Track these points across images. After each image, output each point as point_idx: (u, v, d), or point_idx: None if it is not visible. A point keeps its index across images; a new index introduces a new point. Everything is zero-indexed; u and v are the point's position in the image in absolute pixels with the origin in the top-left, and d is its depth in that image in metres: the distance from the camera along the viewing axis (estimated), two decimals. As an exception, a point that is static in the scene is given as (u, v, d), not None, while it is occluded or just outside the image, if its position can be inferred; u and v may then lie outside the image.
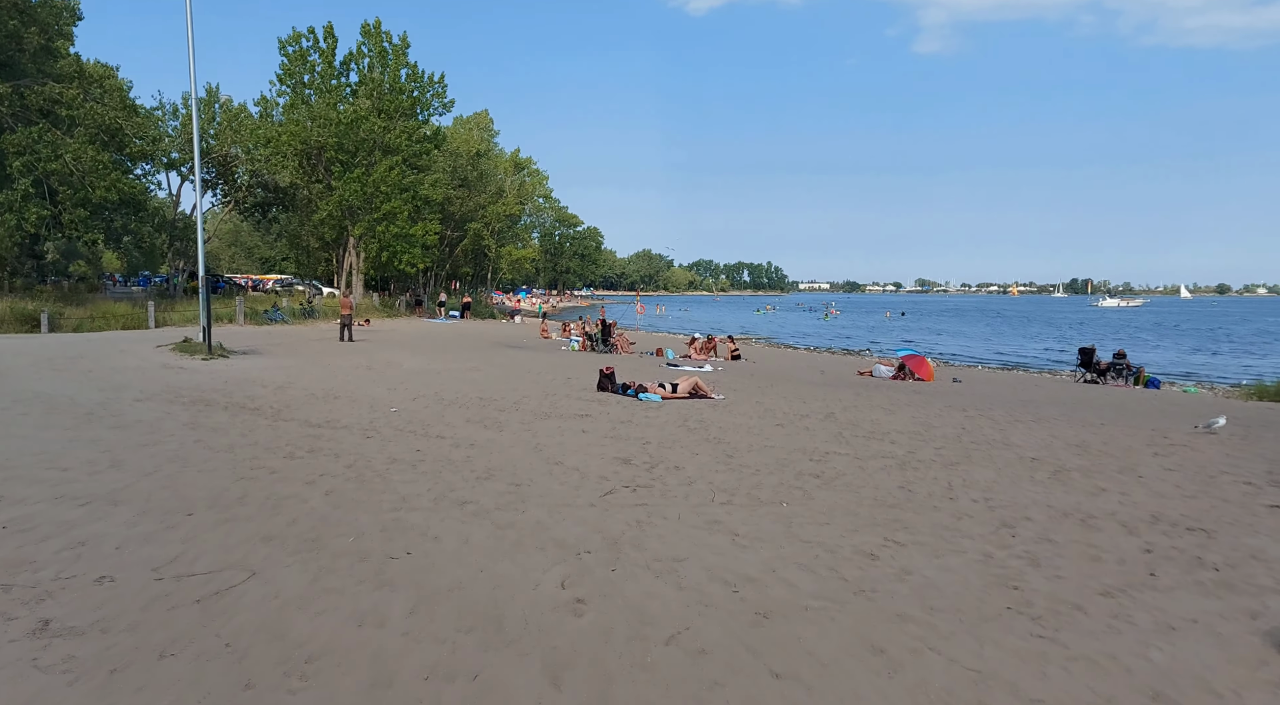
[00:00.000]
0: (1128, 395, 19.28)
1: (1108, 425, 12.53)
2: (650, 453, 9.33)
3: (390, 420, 11.38)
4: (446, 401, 13.69)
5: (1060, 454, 9.76)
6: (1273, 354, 45.37)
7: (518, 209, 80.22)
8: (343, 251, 52.99)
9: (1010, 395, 18.09)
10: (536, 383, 17.21)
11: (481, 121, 75.39)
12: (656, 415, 12.66)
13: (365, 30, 48.66)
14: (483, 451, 9.16)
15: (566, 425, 11.38)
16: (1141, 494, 7.69)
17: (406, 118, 49.01)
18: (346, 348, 26.15)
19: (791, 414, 13.11)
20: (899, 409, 14.08)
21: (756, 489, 7.61)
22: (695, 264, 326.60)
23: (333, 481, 7.49)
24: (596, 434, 10.68)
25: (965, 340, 55.76)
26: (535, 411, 12.77)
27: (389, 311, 50.22)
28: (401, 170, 47.82)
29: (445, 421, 11.43)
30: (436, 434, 10.32)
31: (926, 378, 20.92)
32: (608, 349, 28.23)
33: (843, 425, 11.91)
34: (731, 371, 22.60)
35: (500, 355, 24.91)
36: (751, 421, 12.16)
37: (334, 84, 48.48)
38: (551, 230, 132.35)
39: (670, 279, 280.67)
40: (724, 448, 9.78)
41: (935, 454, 9.59)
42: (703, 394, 15.45)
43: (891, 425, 11.99)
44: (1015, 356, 40.81)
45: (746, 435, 10.81)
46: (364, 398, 13.89)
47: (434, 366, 20.31)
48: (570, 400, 14.47)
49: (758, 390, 17.12)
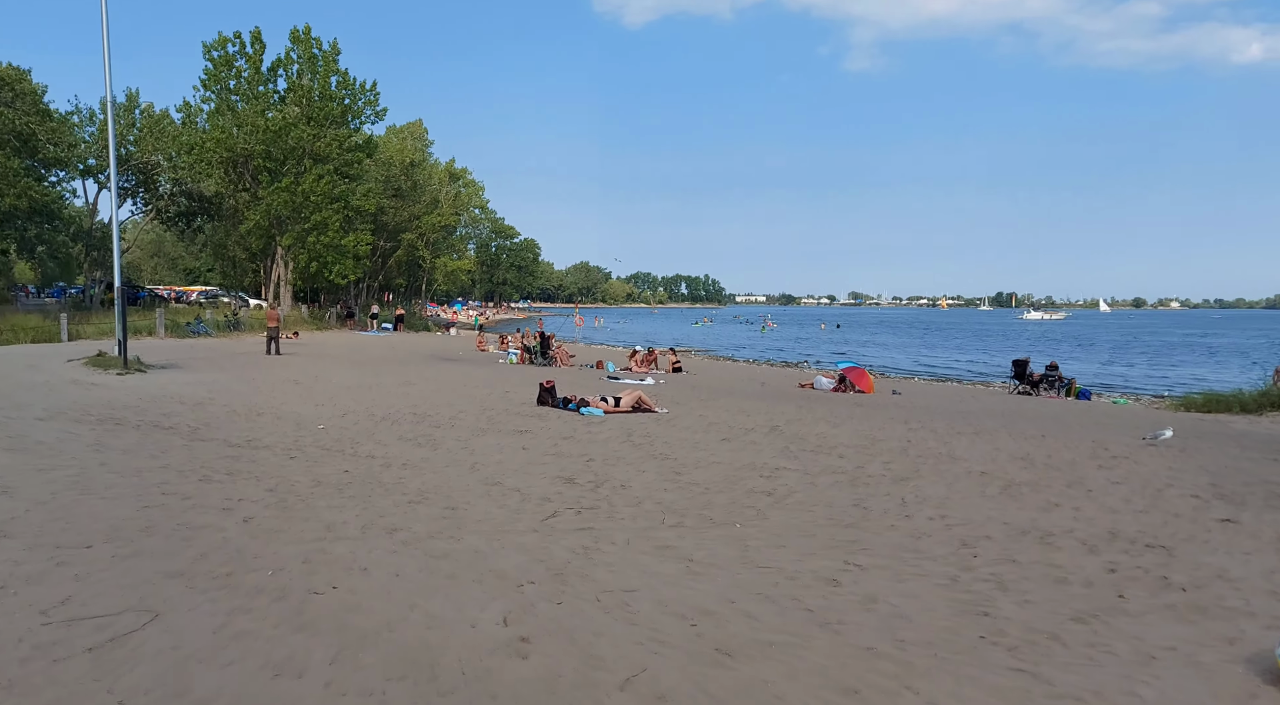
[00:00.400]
0: (1061, 406, 19.52)
1: (1048, 437, 12.54)
2: (594, 470, 8.93)
3: (317, 439, 10.76)
4: (378, 418, 13.08)
5: (1007, 467, 9.65)
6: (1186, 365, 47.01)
7: (453, 220, 79.06)
8: (271, 262, 51.41)
9: (949, 407, 18.15)
10: (473, 397, 16.66)
11: (415, 131, 74.18)
12: (599, 430, 12.26)
13: (294, 36, 47.38)
14: (416, 472, 8.64)
15: (505, 442, 10.91)
16: (1093, 509, 7.56)
17: (337, 126, 47.82)
18: (273, 362, 25.15)
19: (737, 427, 12.84)
20: (843, 422, 13.92)
21: (707, 509, 7.27)
22: (633, 276, 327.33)
23: (251, 508, 6.91)
24: (537, 451, 10.23)
25: (899, 352, 56.60)
26: (472, 427, 12.26)
27: (319, 324, 48.83)
28: (332, 179, 46.61)
29: (376, 439, 10.85)
30: (366, 453, 9.76)
31: (867, 390, 20.92)
32: (547, 362, 27.73)
33: (789, 439, 11.67)
34: (674, 384, 22.31)
35: (435, 369, 24.23)
36: (697, 436, 11.84)
37: (261, 91, 47.06)
38: (488, 241, 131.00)
39: (608, 291, 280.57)
40: (671, 464, 9.42)
41: (884, 468, 9.39)
42: (646, 408, 15.10)
43: (837, 438, 11.79)
44: (947, 368, 41.48)
45: (693, 450, 10.48)
46: (290, 414, 13.20)
47: (365, 381, 19.58)
48: (509, 415, 13.98)
49: (701, 403, 16.84)
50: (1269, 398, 16.37)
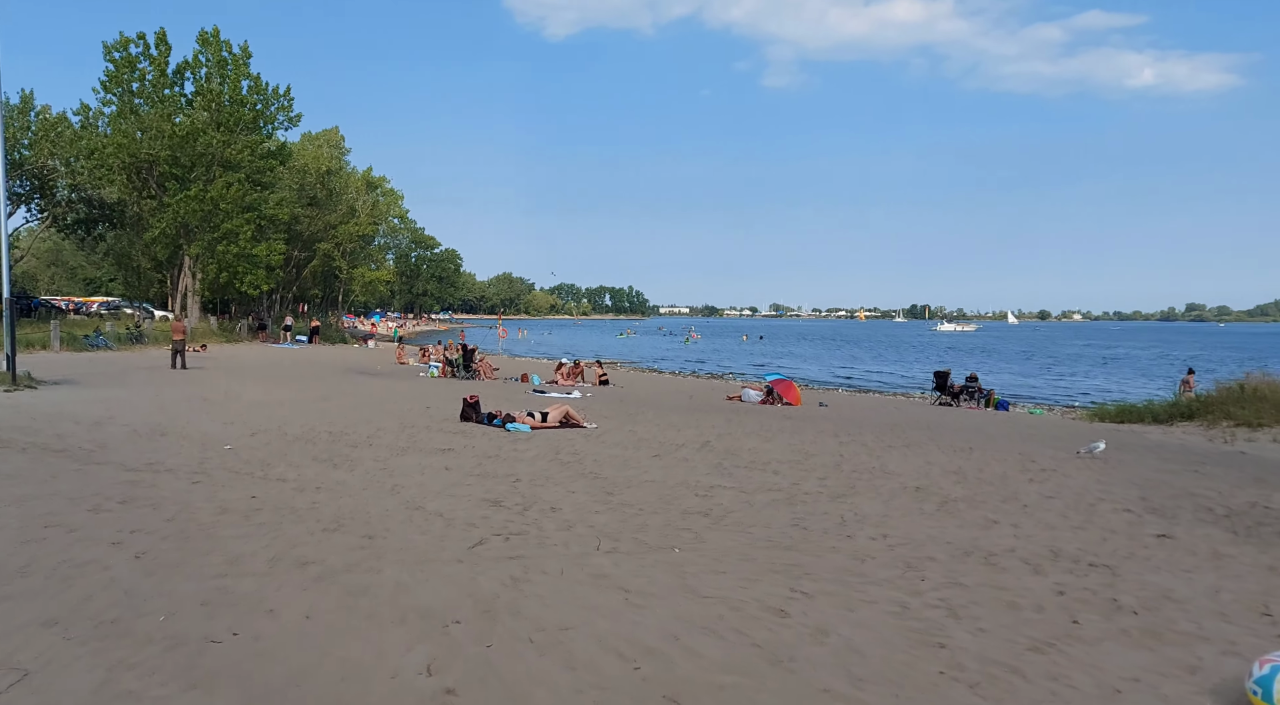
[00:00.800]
0: (982, 417, 19.85)
1: (976, 450, 12.62)
2: (522, 492, 8.51)
3: (224, 460, 10.06)
4: (291, 437, 12.38)
5: (940, 482, 9.59)
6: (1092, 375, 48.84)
7: (371, 229, 77.27)
8: (178, 272, 49.30)
9: (875, 419, 18.25)
10: (393, 413, 16.01)
11: (332, 138, 72.28)
12: (526, 448, 11.83)
13: (202, 38, 45.66)
14: (331, 496, 8.09)
15: (427, 461, 10.39)
16: (1031, 525, 7.50)
17: (249, 132, 46.21)
18: (178, 377, 23.91)
19: (667, 443, 12.56)
20: (774, 435, 13.79)
21: (642, 532, 6.94)
22: (557, 288, 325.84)
23: (146, 540, 6.30)
24: (461, 471, 9.76)
25: (821, 363, 57.41)
26: (392, 446, 11.69)
27: (229, 336, 46.97)
28: (243, 187, 44.96)
29: (288, 461, 10.21)
30: (278, 476, 9.14)
31: (794, 402, 20.94)
32: (470, 375, 27.07)
33: (721, 454, 11.44)
34: (601, 397, 21.96)
35: (352, 383, 23.37)
36: (627, 452, 11.52)
37: (167, 94, 45.17)
38: (408, 252, 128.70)
39: (532, 302, 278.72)
40: (602, 483, 9.07)
41: (820, 485, 9.22)
42: (574, 423, 14.72)
43: (770, 453, 11.61)
44: (867, 380, 42.15)
45: (624, 468, 10.15)
46: (195, 434, 12.39)
47: (278, 397, 18.69)
48: (431, 432, 13.43)
49: (629, 417, 16.54)
50: (1178, 408, 16.90)
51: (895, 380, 41.11)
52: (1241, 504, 8.64)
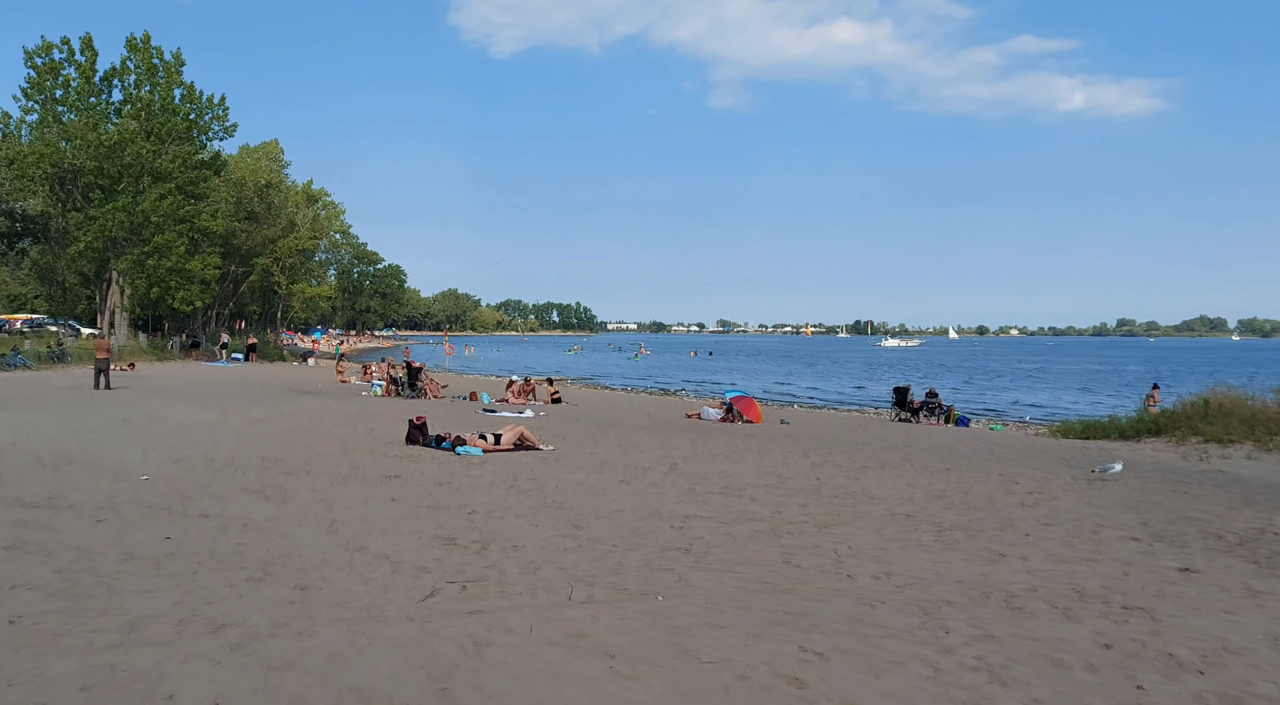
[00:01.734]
0: (946, 434, 19.41)
1: (953, 470, 12.03)
2: (479, 526, 7.61)
3: (139, 493, 8.97)
4: (218, 464, 11.27)
5: (928, 508, 8.92)
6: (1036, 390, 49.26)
7: (311, 244, 75.20)
8: (106, 288, 47.06)
9: (840, 437, 17.66)
10: (333, 436, 14.92)
11: (270, 151, 70.25)
12: (480, 473, 10.91)
13: (131, 44, 43.77)
14: (260, 536, 7.10)
15: (371, 491, 9.42)
16: (1040, 558, 6.83)
17: (181, 141, 44.37)
18: (101, 398, 22.37)
19: (632, 466, 11.74)
20: (742, 457, 13.05)
21: (619, 573, 6.10)
22: (503, 304, 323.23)
23: (27, 600, 5.27)
24: (409, 502, 8.81)
25: (772, 379, 57.11)
26: (332, 474, 10.67)
27: (160, 354, 44.90)
28: (175, 199, 43.09)
29: (214, 493, 9.15)
30: (199, 511, 8.09)
31: (755, 420, 20.28)
32: (415, 394, 25.91)
33: (691, 479, 10.66)
34: (555, 417, 21.04)
35: (290, 404, 22.09)
36: (590, 478, 10.66)
37: (93, 102, 43.18)
38: (350, 267, 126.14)
39: (478, 319, 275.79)
40: (567, 514, 8.21)
41: (803, 513, 8.48)
42: (529, 445, 13.81)
43: (742, 477, 10.86)
44: (824, 395, 41.84)
45: (589, 496, 9.29)
46: (109, 462, 11.21)
47: (208, 419, 17.42)
48: (375, 457, 12.41)
49: (588, 438, 15.68)
50: (1144, 424, 16.61)
51: (852, 396, 40.85)
52: (1246, 529, 8.12)
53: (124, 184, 42.76)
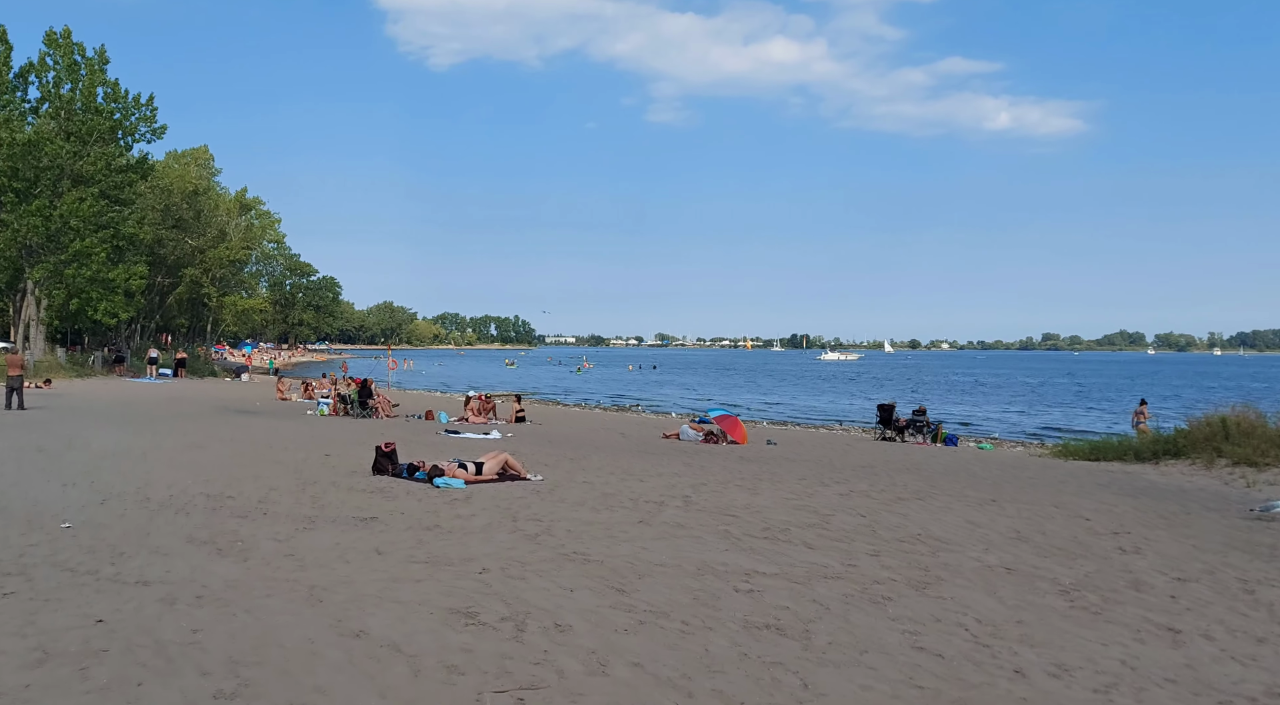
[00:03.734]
0: (944, 455, 18.38)
1: (1000, 501, 10.84)
2: (498, 591, 6.07)
3: (58, 549, 7.20)
4: (155, 504, 9.49)
5: (1022, 556, 7.62)
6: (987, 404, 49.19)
7: (243, 254, 72.02)
8: (20, 298, 43.77)
9: (839, 459, 16.44)
10: (286, 465, 13.14)
11: (200, 157, 67.05)
12: (470, 511, 9.33)
13: (50, 39, 40.91)
14: (220, 613, 5.46)
15: (348, 540, 7.78)
16: (1224, 634, 5.52)
17: (104, 143, 41.55)
18: (13, 420, 20.04)
19: (641, 500, 10.27)
20: (756, 486, 11.68)
21: (717, 673, 4.62)
22: (440, 317, 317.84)
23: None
24: (399, 555, 7.21)
25: (724, 394, 56.11)
26: (294, 515, 8.98)
27: (80, 370, 41.84)
28: (97, 203, 40.22)
29: (152, 545, 7.43)
30: (137, 575, 6.39)
31: (740, 440, 18.97)
32: (366, 413, 24.00)
33: (716, 516, 9.24)
34: (524, 437, 19.43)
35: (230, 425, 20.06)
36: (600, 516, 9.17)
37: (7, 99, 40.14)
38: (282, 279, 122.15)
39: (414, 332, 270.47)
40: (599, 571, 6.71)
41: (880, 566, 7.12)
42: (515, 474, 12.25)
43: (773, 513, 9.49)
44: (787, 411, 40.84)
45: (611, 542, 7.81)
46: (20, 504, 9.33)
47: (138, 445, 15.42)
48: (340, 491, 10.73)
49: (571, 464, 14.17)
50: (1160, 445, 15.75)
51: (820, 411, 39.91)
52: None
53: (40, 187, 39.77)
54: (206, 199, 63.66)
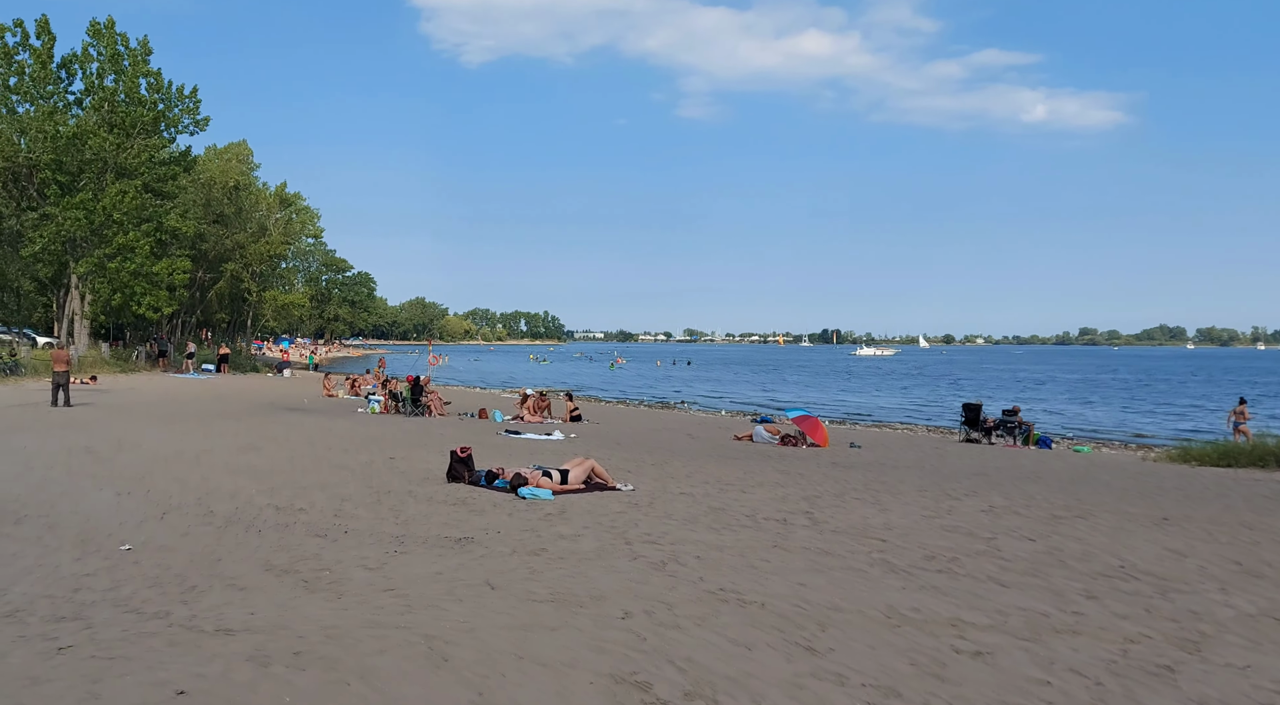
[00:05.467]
0: (1046, 459, 17.01)
1: (1175, 520, 9.51)
2: (661, 649, 4.91)
3: (118, 580, 6.17)
4: (220, 519, 8.46)
5: (1278, 598, 6.36)
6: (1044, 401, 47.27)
7: (283, 249, 71.63)
8: (64, 294, 43.45)
9: (942, 465, 15.13)
10: (352, 471, 12.11)
11: (240, 152, 66.67)
12: (572, 531, 8.19)
13: (93, 29, 40.41)
14: (329, 683, 4.35)
15: (449, 568, 6.68)
16: None
17: (148, 135, 41.01)
18: (59, 418, 19.28)
19: (757, 516, 9.09)
20: (879, 499, 10.45)
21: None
22: (471, 313, 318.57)
23: None
24: (515, 590, 6.09)
25: (768, 390, 54.71)
26: (378, 534, 7.91)
27: (124, 365, 41.43)
28: (140, 196, 39.70)
29: (226, 575, 6.37)
30: (215, 620, 5.31)
31: (822, 443, 17.71)
32: (419, 411, 23.03)
33: (858, 539, 8.03)
34: (587, 438, 18.33)
35: (282, 424, 19.14)
36: (724, 537, 7.99)
37: (50, 90, 39.72)
38: (318, 275, 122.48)
39: (445, 327, 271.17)
40: (768, 619, 5.52)
41: (1107, 611, 5.84)
42: (601, 482, 11.12)
43: (922, 535, 8.25)
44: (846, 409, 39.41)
45: (755, 575, 6.62)
46: (72, 519, 8.36)
47: (191, 445, 14.51)
48: (419, 503, 9.66)
49: (654, 469, 13.03)
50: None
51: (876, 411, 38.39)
52: None
53: (84, 180, 39.32)
54: (247, 194, 63.30)
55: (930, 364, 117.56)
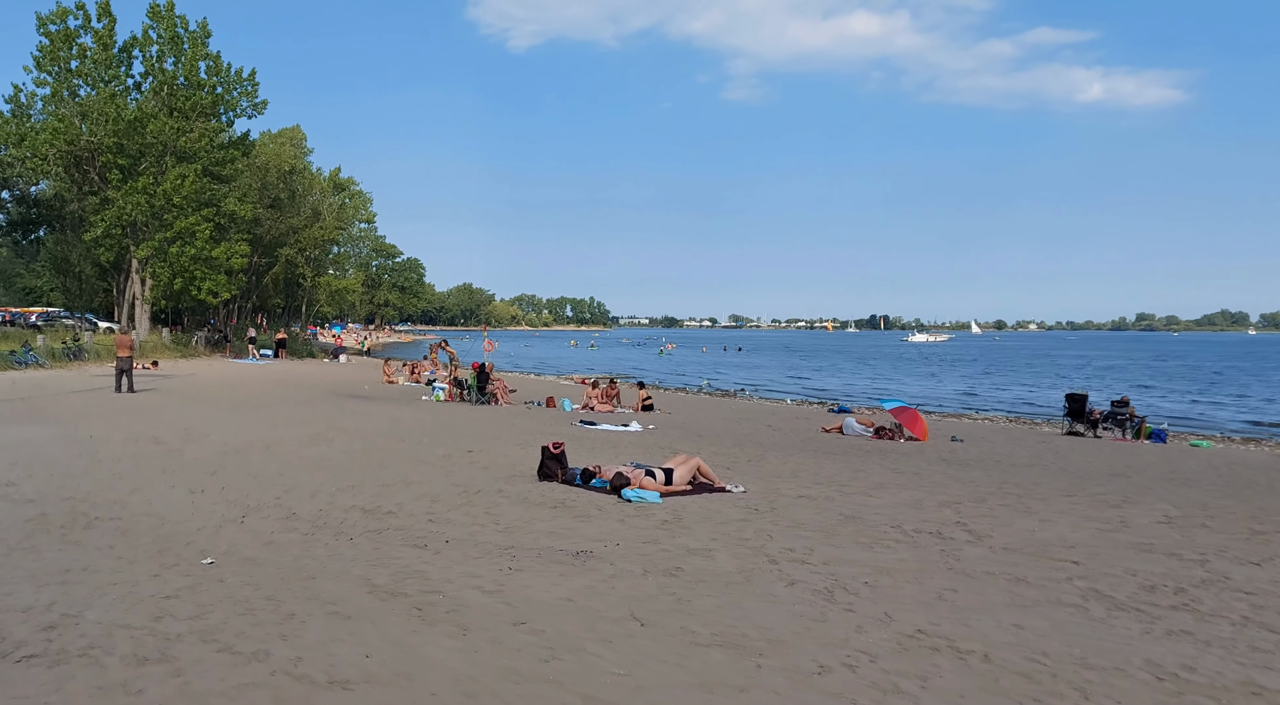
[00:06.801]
0: (1177, 456, 15.60)
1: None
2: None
3: (201, 604, 5.28)
4: (306, 523, 7.59)
5: None
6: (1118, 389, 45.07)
7: (337, 233, 71.61)
8: (124, 278, 43.60)
9: (1064, 462, 13.82)
10: (432, 466, 11.23)
11: (294, 137, 66.62)
12: (697, 542, 7.15)
13: (154, 11, 40.18)
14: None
15: (579, 593, 5.68)
16: None
17: (206, 118, 40.76)
18: (123, 405, 18.78)
19: (904, 527, 7.96)
20: (1029, 505, 9.26)
21: None
22: (518, 298, 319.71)
23: None
24: (668, 626, 5.07)
25: (824, 376, 53.21)
26: (482, 544, 6.95)
27: (183, 350, 41.43)
28: (199, 180, 39.47)
29: (325, 597, 5.45)
30: (324, 667, 4.38)
31: (921, 437, 16.47)
32: (485, 399, 22.22)
33: (1043, 561, 6.88)
34: (665, 429, 17.31)
35: (348, 413, 18.41)
36: (880, 555, 6.89)
37: (111, 74, 39.61)
38: (368, 260, 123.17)
39: (492, 313, 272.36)
40: (1005, 680, 4.42)
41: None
42: (707, 482, 10.09)
43: (1118, 557, 7.07)
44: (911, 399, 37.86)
45: (955, 613, 5.53)
46: (145, 522, 7.55)
47: (259, 435, 13.79)
48: (513, 504, 8.72)
49: (751, 466, 11.97)
50: None
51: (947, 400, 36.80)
52: None
53: (144, 164, 39.21)
54: (300, 178, 63.23)
55: (987, 350, 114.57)
